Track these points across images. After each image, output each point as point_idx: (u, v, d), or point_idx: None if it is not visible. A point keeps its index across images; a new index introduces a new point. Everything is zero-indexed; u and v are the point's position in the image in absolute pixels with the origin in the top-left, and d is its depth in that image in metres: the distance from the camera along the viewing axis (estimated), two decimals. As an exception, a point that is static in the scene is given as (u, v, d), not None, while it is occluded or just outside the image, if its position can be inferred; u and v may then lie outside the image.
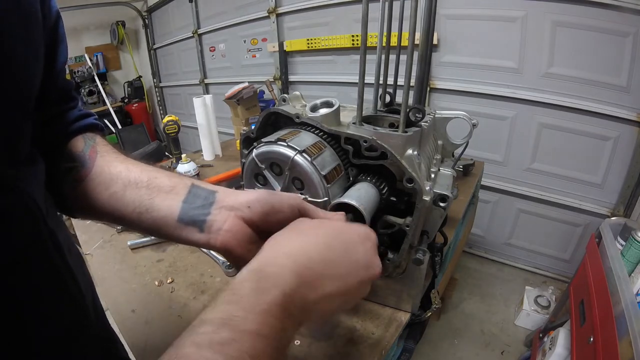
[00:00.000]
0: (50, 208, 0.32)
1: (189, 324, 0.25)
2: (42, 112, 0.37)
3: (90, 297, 0.37)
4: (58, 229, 0.31)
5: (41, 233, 0.28)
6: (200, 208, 0.36)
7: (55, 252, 0.30)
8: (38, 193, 0.29)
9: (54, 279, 0.30)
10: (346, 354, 0.59)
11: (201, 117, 1.49)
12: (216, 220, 0.36)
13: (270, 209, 0.36)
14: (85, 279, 0.37)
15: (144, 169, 0.39)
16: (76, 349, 0.32)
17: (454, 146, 0.77)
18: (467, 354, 1.52)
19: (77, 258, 0.37)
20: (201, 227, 0.36)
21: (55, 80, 0.37)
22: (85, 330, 0.35)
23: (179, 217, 0.36)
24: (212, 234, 0.36)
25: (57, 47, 0.37)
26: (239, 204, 0.36)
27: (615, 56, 1.43)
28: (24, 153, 0.29)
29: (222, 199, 0.37)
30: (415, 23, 0.49)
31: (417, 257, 0.57)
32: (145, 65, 4.04)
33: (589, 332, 0.98)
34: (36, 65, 0.30)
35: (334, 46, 2.17)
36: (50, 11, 0.35)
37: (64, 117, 0.40)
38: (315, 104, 0.57)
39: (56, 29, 0.36)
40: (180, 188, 0.37)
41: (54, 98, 0.39)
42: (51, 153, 0.38)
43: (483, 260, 2.10)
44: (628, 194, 1.55)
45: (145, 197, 0.37)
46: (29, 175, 0.29)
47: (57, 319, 0.30)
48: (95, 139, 0.42)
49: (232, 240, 0.36)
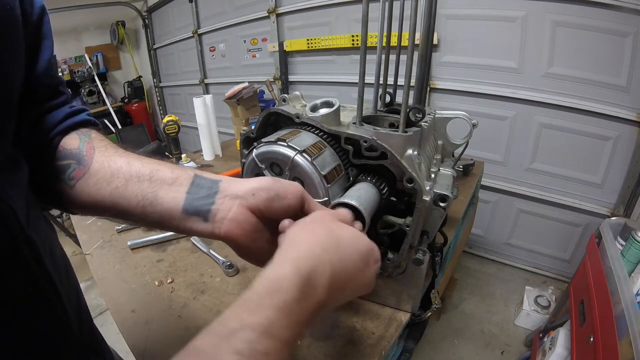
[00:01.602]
0: (32, 212, 0.31)
1: (189, 324, 0.24)
2: (28, 111, 0.36)
3: (74, 305, 0.36)
4: (38, 234, 0.30)
5: (16, 240, 0.27)
6: (204, 198, 0.36)
7: (33, 260, 0.29)
8: (17, 198, 0.28)
9: (30, 287, 0.29)
10: (346, 354, 0.59)
11: (201, 117, 1.49)
12: (220, 209, 0.35)
13: (275, 195, 0.36)
14: (70, 286, 0.36)
15: (145, 162, 0.38)
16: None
17: (454, 146, 0.77)
18: (467, 354, 1.52)
19: (62, 264, 0.36)
20: (205, 216, 0.36)
21: (40, 77, 0.36)
22: (67, 341, 0.34)
23: (183, 208, 0.36)
24: (216, 223, 0.35)
25: (41, 43, 0.36)
26: (243, 192, 0.36)
27: (615, 56, 1.42)
28: (3, 156, 0.28)
29: (226, 187, 0.37)
30: (415, 23, 0.49)
31: (417, 257, 0.57)
32: (145, 65, 4.04)
33: (589, 332, 0.98)
34: (14, 66, 0.29)
35: (334, 46, 2.17)
36: (32, 7, 0.34)
37: (53, 115, 0.39)
38: (315, 104, 0.57)
39: (40, 24, 0.35)
40: (183, 179, 0.37)
41: (41, 96, 0.38)
42: (42, 152, 0.38)
43: (483, 260, 2.10)
44: (628, 194, 1.55)
45: (148, 190, 0.36)
46: (7, 180, 0.28)
47: (34, 330, 0.29)
48: (91, 135, 0.41)
49: (237, 229, 0.35)
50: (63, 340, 0.33)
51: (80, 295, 0.40)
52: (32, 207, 0.32)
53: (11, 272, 0.27)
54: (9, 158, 0.30)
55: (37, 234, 0.30)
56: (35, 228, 0.30)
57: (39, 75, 0.36)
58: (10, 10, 0.28)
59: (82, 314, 0.38)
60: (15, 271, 0.27)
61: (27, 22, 0.32)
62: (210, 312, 0.68)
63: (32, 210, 0.32)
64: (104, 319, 1.72)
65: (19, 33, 0.30)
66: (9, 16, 0.28)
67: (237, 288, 0.74)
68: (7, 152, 0.29)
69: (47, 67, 0.37)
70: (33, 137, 0.37)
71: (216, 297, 0.72)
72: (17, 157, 0.31)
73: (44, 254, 0.30)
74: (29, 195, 0.32)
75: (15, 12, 0.29)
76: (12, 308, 0.27)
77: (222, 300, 0.71)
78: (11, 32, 0.28)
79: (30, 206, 0.31)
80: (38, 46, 0.36)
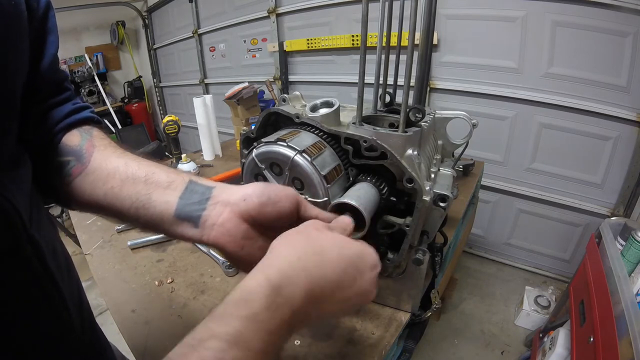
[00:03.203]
0: (35, 211, 0.31)
1: (189, 324, 0.24)
2: (32, 107, 0.36)
3: (76, 303, 0.36)
4: (41, 233, 0.30)
5: (19, 239, 0.27)
6: (196, 204, 0.36)
7: (35, 259, 0.29)
8: (20, 197, 0.28)
9: (32, 286, 0.29)
10: (346, 354, 0.59)
11: (201, 117, 1.49)
12: (211, 216, 0.35)
13: (267, 199, 0.35)
14: (71, 284, 0.36)
15: (141, 164, 0.38)
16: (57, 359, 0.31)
17: (454, 146, 0.77)
18: (467, 354, 1.52)
19: (64, 262, 0.36)
20: (196, 222, 0.36)
21: (45, 73, 0.36)
22: (68, 339, 0.34)
23: (176, 213, 0.36)
24: (205, 230, 0.35)
25: (46, 39, 0.36)
26: (234, 199, 0.36)
27: (615, 56, 1.42)
28: (6, 155, 0.28)
29: (218, 194, 0.37)
30: (415, 23, 0.49)
31: (417, 257, 0.57)
32: (145, 65, 4.04)
33: (589, 332, 0.98)
34: (17, 64, 0.29)
35: (334, 46, 2.17)
36: (38, 2, 0.34)
37: (57, 111, 0.39)
38: (315, 104, 0.57)
39: (45, 19, 0.35)
40: (177, 183, 0.37)
41: (46, 91, 0.38)
42: (44, 148, 0.38)
43: (483, 260, 2.10)
44: (628, 194, 1.55)
45: (142, 192, 0.36)
46: (11, 179, 0.28)
47: (35, 328, 0.29)
48: (92, 133, 0.41)
49: (225, 236, 0.35)
50: (65, 338, 0.33)
51: (82, 293, 0.40)
52: (35, 205, 0.32)
53: (13, 270, 0.27)
54: (12, 157, 0.30)
55: (39, 232, 0.30)
56: (38, 227, 0.30)
57: (44, 71, 0.36)
58: (15, 6, 0.28)
59: (83, 311, 0.38)
60: (18, 270, 0.27)
61: (32, 17, 0.32)
62: (210, 312, 0.68)
63: (36, 209, 0.32)
64: (104, 319, 1.72)
65: (24, 29, 0.29)
66: (14, 12, 0.28)
67: (237, 288, 0.74)
68: (11, 151, 0.29)
69: (52, 62, 0.37)
70: (37, 133, 0.37)
71: (216, 297, 0.72)
72: (20, 156, 0.31)
73: (46, 253, 0.30)
74: (33, 193, 0.32)
75: (21, 7, 0.29)
76: (13, 307, 0.27)
77: (222, 300, 0.71)
78: (16, 29, 0.28)
79: (33, 204, 0.31)
80: (44, 41, 0.35)
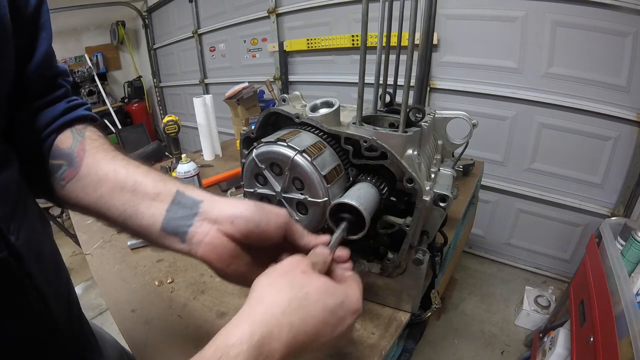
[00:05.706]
0: (21, 214, 0.31)
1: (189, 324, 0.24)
2: (23, 107, 0.36)
3: (63, 304, 0.36)
4: (21, 236, 0.30)
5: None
6: (183, 219, 0.35)
7: (14, 262, 0.29)
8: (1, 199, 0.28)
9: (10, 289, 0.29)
10: (346, 354, 0.59)
11: (201, 117, 1.49)
12: (197, 232, 0.35)
13: (255, 227, 0.35)
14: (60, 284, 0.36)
15: (130, 170, 0.37)
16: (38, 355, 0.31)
17: (454, 146, 0.77)
18: (467, 354, 1.52)
19: (51, 264, 0.36)
20: (183, 238, 0.35)
21: (36, 71, 0.36)
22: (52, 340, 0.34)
23: (162, 227, 0.35)
24: (192, 246, 0.35)
25: (38, 36, 0.35)
26: (222, 218, 0.35)
27: (615, 56, 1.43)
28: None
29: (206, 210, 0.36)
30: (415, 23, 0.49)
31: (417, 257, 0.57)
32: (145, 65, 4.04)
33: (589, 332, 0.98)
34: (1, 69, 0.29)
35: (334, 46, 2.17)
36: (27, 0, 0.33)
37: (50, 111, 0.39)
38: (315, 104, 0.57)
39: (37, 15, 0.34)
40: (164, 195, 0.36)
41: (37, 90, 0.37)
42: (38, 149, 0.37)
43: (483, 260, 2.10)
44: (628, 194, 1.55)
45: (129, 203, 0.36)
46: None
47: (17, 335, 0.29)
48: (84, 133, 0.40)
49: (212, 254, 0.35)
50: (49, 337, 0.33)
51: (71, 289, 0.40)
52: (21, 208, 0.31)
53: None
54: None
55: (20, 236, 0.30)
56: (19, 230, 0.30)
57: (35, 69, 0.36)
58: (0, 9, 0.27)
59: (72, 309, 0.38)
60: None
61: (20, 16, 0.31)
62: (210, 312, 0.68)
63: (22, 212, 0.31)
64: (104, 319, 1.72)
65: (8, 31, 0.29)
66: None
67: (237, 288, 0.74)
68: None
69: (44, 59, 0.36)
70: (28, 134, 0.37)
71: (216, 297, 0.72)
72: (6, 155, 0.31)
73: (26, 256, 0.30)
74: (20, 196, 0.31)
75: (2, 11, 0.28)
76: None
77: (222, 300, 0.71)
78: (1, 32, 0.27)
79: (19, 208, 0.31)
80: (35, 39, 0.35)
